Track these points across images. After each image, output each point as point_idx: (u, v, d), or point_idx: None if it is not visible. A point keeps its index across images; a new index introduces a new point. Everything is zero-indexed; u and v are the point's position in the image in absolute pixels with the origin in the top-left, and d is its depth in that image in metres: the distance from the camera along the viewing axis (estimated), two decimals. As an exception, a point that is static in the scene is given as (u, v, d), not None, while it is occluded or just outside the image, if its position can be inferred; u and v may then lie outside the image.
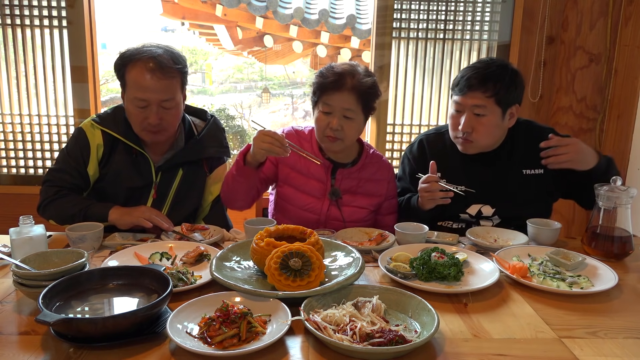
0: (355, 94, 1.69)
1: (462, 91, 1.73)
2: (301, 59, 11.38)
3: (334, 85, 1.69)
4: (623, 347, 1.03)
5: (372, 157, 1.88)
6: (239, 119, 10.87)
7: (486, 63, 1.76)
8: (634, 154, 2.93)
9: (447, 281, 1.30)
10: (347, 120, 1.71)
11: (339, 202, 1.81)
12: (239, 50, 8.26)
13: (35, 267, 1.20)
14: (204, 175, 1.89)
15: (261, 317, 1.06)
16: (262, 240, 1.27)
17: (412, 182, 1.93)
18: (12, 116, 2.88)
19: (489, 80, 1.70)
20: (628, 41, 2.83)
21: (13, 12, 2.76)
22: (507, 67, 1.75)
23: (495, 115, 1.72)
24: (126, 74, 1.67)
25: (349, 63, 1.76)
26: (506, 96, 1.71)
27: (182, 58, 1.75)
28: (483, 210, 1.83)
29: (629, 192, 1.49)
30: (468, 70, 1.75)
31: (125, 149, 1.77)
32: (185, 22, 7.18)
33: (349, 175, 1.82)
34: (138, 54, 1.66)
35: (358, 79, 1.69)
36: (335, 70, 1.71)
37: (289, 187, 1.82)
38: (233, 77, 18.52)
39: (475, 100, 1.71)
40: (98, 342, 0.98)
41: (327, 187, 1.81)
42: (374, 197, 1.86)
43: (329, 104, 1.70)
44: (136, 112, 1.67)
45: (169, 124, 1.72)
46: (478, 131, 1.74)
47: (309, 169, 1.81)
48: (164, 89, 1.65)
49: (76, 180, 1.74)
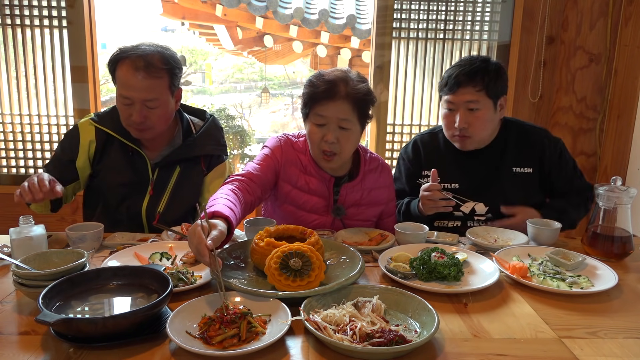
0: (350, 102, 1.57)
1: (453, 89, 1.77)
2: (301, 59, 11.40)
3: (326, 94, 1.56)
4: (623, 347, 1.03)
5: (370, 163, 1.80)
6: (239, 119, 10.86)
7: (469, 60, 1.80)
8: (634, 154, 2.94)
9: (447, 281, 1.30)
10: (343, 131, 1.59)
11: (343, 218, 1.75)
12: (239, 50, 8.26)
13: (35, 267, 1.20)
14: (201, 172, 1.90)
15: (261, 317, 1.06)
16: (262, 240, 1.27)
17: (408, 182, 1.96)
18: (12, 116, 2.88)
19: (477, 74, 1.74)
20: (628, 41, 2.84)
21: (13, 12, 2.76)
22: (489, 60, 1.79)
23: (488, 108, 1.77)
24: (116, 70, 1.70)
25: (340, 69, 1.64)
26: (494, 88, 1.76)
27: (174, 59, 1.74)
28: (477, 209, 1.86)
29: (629, 192, 1.49)
30: (454, 69, 1.79)
31: (121, 146, 1.80)
32: (185, 22, 7.19)
33: (352, 188, 1.75)
34: (129, 52, 1.69)
35: (352, 86, 1.58)
36: (327, 78, 1.58)
37: (289, 206, 1.73)
38: (233, 77, 18.53)
39: (468, 96, 1.75)
40: (98, 342, 0.97)
41: (330, 202, 1.73)
42: (378, 206, 1.81)
43: (322, 115, 1.58)
44: (122, 108, 1.71)
45: (153, 123, 1.73)
46: (474, 126, 1.78)
47: (309, 186, 1.71)
48: (148, 88, 1.67)
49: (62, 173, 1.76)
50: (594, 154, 3.01)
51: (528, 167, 1.86)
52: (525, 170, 1.86)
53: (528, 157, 1.86)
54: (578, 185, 1.90)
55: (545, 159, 1.86)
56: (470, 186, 1.85)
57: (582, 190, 1.89)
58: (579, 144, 3.00)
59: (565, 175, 1.88)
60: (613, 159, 2.99)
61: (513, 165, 1.86)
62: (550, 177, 1.88)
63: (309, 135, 1.65)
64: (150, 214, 1.81)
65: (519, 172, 1.86)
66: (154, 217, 1.81)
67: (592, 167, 3.02)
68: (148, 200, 1.81)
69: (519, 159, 1.86)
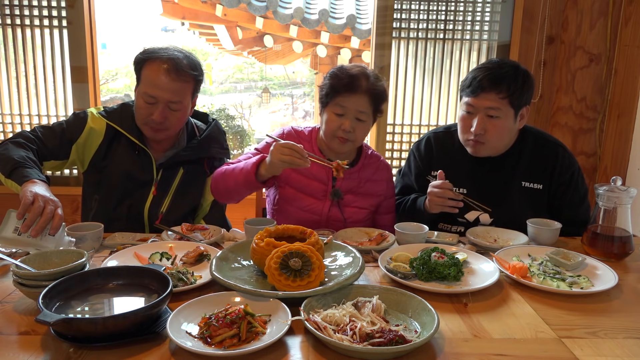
0: (369, 97, 1.70)
1: (475, 92, 1.68)
2: (301, 59, 11.39)
3: (348, 87, 1.68)
4: (623, 347, 1.03)
5: (370, 158, 1.89)
6: (239, 119, 10.87)
7: (498, 64, 1.71)
8: (634, 154, 2.94)
9: (447, 281, 1.30)
10: (359, 122, 1.72)
11: (340, 202, 1.81)
12: (239, 50, 8.26)
13: (35, 267, 1.20)
14: (204, 174, 1.91)
15: (261, 317, 1.06)
16: (262, 240, 1.27)
17: (417, 180, 1.92)
18: (12, 116, 2.88)
19: (503, 81, 1.65)
20: (628, 41, 2.84)
21: (13, 12, 2.76)
22: (519, 67, 1.70)
23: (509, 117, 1.69)
24: (143, 69, 1.72)
25: (359, 65, 1.76)
26: (519, 98, 1.67)
27: (200, 66, 1.80)
28: (481, 218, 1.81)
29: (629, 192, 1.49)
30: (480, 71, 1.70)
31: (128, 144, 1.81)
32: (185, 22, 7.18)
33: (349, 175, 1.82)
34: (159, 52, 1.72)
35: (372, 82, 1.71)
36: (350, 72, 1.70)
37: (289, 188, 1.82)
38: (233, 77, 18.53)
39: (489, 102, 1.67)
40: (98, 342, 0.97)
41: (328, 188, 1.81)
42: (374, 197, 1.86)
43: (343, 106, 1.70)
44: (143, 106, 1.72)
45: (171, 124, 1.76)
46: (491, 133, 1.70)
47: (311, 170, 1.79)
48: (175, 90, 1.70)
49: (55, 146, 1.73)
50: (594, 154, 3.01)
51: (538, 183, 1.78)
52: (535, 186, 1.78)
53: (539, 172, 1.78)
54: (582, 217, 1.78)
55: (555, 176, 1.78)
56: (477, 193, 1.75)
57: (583, 223, 1.67)
58: (578, 144, 3.00)
59: (571, 200, 1.78)
60: (613, 159, 2.99)
61: (523, 180, 1.78)
62: (555, 197, 1.79)
63: (327, 122, 1.74)
64: (152, 213, 1.82)
65: (528, 187, 1.78)
66: (156, 217, 1.82)
67: (592, 167, 3.02)
68: (151, 201, 1.81)
69: (530, 173, 1.78)
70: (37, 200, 1.35)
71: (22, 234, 1.32)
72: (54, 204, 1.37)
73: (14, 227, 1.34)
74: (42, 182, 1.48)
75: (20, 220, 1.33)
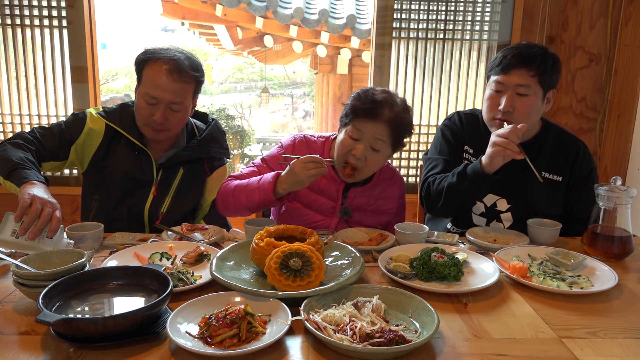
0: (389, 127, 1.62)
1: (505, 70, 1.67)
2: (301, 59, 11.40)
3: (369, 113, 1.61)
4: (623, 347, 1.03)
5: (385, 173, 1.82)
6: (238, 119, 10.87)
7: (527, 45, 1.71)
8: (634, 154, 2.94)
9: (447, 281, 1.30)
10: (373, 152, 1.63)
11: (348, 220, 1.76)
12: (239, 50, 8.27)
13: (35, 267, 1.20)
14: (204, 174, 1.91)
15: (261, 317, 1.06)
16: (262, 240, 1.27)
17: (451, 154, 1.84)
18: (12, 116, 2.88)
19: (534, 59, 1.65)
20: (628, 41, 2.84)
21: (13, 12, 2.76)
22: (548, 49, 1.71)
23: (537, 96, 1.68)
24: (144, 69, 1.72)
25: (387, 91, 1.67)
26: (549, 77, 1.67)
27: (201, 67, 1.80)
28: (498, 204, 1.80)
29: (629, 192, 1.49)
30: (510, 50, 1.69)
31: (128, 144, 1.80)
32: (185, 22, 7.19)
33: (360, 193, 1.77)
34: (160, 53, 1.72)
35: (396, 112, 1.62)
36: (375, 98, 1.62)
37: (297, 203, 1.76)
38: (233, 77, 18.55)
39: (520, 79, 1.66)
40: (98, 342, 0.97)
41: (338, 205, 1.76)
42: (384, 215, 1.81)
43: (360, 130, 1.62)
44: (145, 107, 1.71)
45: (172, 125, 1.76)
46: (519, 111, 1.67)
47: (320, 186, 1.74)
48: (176, 91, 1.70)
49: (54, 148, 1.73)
50: (594, 154, 3.00)
51: (558, 175, 1.78)
52: (555, 178, 1.78)
53: (561, 163, 1.78)
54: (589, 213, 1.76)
55: (575, 169, 1.78)
56: (497, 180, 1.68)
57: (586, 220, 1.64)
58: (579, 144, 3.00)
59: (586, 197, 1.76)
60: (613, 159, 2.99)
61: (544, 170, 1.77)
62: (573, 190, 1.79)
63: (340, 143, 1.67)
64: (152, 214, 1.82)
65: (548, 178, 1.78)
66: (156, 217, 1.82)
67: (592, 167, 3.02)
68: (151, 201, 1.81)
69: (552, 165, 1.78)
70: (35, 202, 1.34)
71: (19, 236, 1.32)
72: (52, 206, 1.36)
73: (12, 230, 1.33)
74: (41, 184, 1.47)
75: (18, 223, 1.33)
